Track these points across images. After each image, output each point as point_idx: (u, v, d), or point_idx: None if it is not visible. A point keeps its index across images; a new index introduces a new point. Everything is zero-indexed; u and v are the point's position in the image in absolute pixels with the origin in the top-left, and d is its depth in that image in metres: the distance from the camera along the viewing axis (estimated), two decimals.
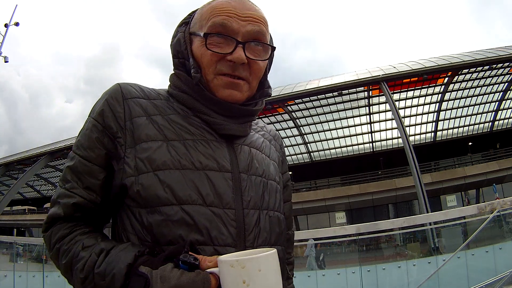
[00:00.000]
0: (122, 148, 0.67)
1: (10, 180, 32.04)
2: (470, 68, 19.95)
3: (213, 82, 0.72)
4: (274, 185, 0.78)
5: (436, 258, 5.39)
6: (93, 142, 0.68)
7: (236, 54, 0.69)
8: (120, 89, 0.72)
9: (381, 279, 5.30)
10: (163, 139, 0.68)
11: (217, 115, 0.73)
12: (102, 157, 0.68)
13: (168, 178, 0.64)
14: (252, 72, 0.73)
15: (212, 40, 0.70)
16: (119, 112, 0.69)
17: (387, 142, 27.16)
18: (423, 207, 15.37)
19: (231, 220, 0.66)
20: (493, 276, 4.19)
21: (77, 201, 0.67)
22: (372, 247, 7.33)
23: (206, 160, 0.68)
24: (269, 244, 0.70)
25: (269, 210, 0.73)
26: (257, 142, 0.81)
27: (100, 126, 0.69)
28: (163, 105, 0.73)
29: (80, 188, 0.68)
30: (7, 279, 7.30)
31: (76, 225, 0.68)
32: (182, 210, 0.63)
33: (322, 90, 20.44)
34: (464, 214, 4.68)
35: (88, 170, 0.68)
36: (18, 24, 14.36)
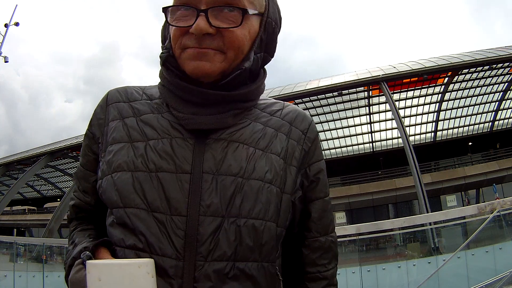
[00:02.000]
0: (101, 153, 0.70)
1: (10, 180, 32.03)
2: (470, 68, 19.95)
3: (181, 57, 0.65)
4: (259, 185, 0.63)
5: (436, 258, 5.40)
6: (85, 150, 0.74)
7: (195, 24, 0.61)
8: (107, 96, 0.74)
9: (381, 279, 5.30)
10: (127, 141, 0.66)
11: (187, 107, 0.66)
12: (92, 162, 0.72)
13: (119, 180, 0.63)
14: (226, 41, 0.63)
15: (177, 14, 0.64)
16: (101, 118, 0.72)
17: (387, 142, 27.15)
18: (423, 207, 15.36)
19: (177, 229, 0.58)
20: (493, 276, 4.19)
21: (75, 203, 0.75)
22: (372, 247, 7.34)
23: (162, 161, 0.62)
24: (230, 259, 0.59)
25: (240, 217, 0.60)
26: (245, 133, 0.67)
27: (90, 134, 0.73)
28: (140, 105, 0.70)
29: (79, 191, 0.74)
30: (7, 279, 7.30)
31: (80, 223, 0.75)
32: (125, 213, 0.61)
33: (322, 90, 20.44)
34: (464, 214, 4.69)
35: (83, 175, 0.74)
36: (18, 24, 14.38)
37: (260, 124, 0.69)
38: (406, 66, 19.86)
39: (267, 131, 0.69)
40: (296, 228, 0.72)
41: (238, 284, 0.59)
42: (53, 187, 38.95)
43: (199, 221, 0.59)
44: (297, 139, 0.72)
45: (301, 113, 0.76)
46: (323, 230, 0.73)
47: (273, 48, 0.73)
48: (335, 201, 23.15)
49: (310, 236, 0.72)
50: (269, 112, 0.73)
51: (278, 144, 0.69)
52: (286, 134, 0.71)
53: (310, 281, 0.71)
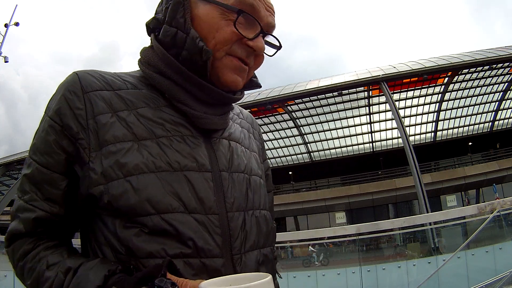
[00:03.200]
0: (86, 152, 0.57)
1: (10, 180, 32.05)
2: (470, 68, 19.95)
3: (222, 61, 0.63)
4: (258, 180, 0.70)
5: (436, 258, 5.40)
6: (51, 146, 0.58)
7: (259, 42, 0.63)
8: (79, 80, 0.60)
9: (381, 279, 5.30)
10: (133, 139, 0.58)
11: (197, 104, 0.63)
12: (62, 162, 0.58)
13: (143, 184, 0.55)
14: (256, 63, 0.68)
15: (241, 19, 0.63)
16: (79, 108, 0.58)
17: (387, 142, 27.16)
18: (423, 207, 15.36)
19: (216, 227, 0.58)
20: (493, 276, 4.20)
21: (37, 215, 0.58)
22: (372, 247, 7.34)
23: (184, 159, 0.59)
24: (257, 247, 0.64)
25: (254, 209, 0.66)
26: (235, 134, 0.72)
27: (58, 127, 0.58)
28: (130, 96, 0.62)
29: (40, 200, 0.59)
30: (7, 279, 7.31)
31: (39, 239, 0.60)
32: (162, 220, 0.55)
33: (322, 90, 20.44)
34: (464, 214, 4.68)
35: (47, 179, 0.58)
36: (18, 24, 14.37)
37: (237, 125, 0.75)
38: (406, 66, 19.87)
39: (244, 131, 0.76)
40: None
41: (265, 268, 0.65)
42: None
43: (229, 218, 0.61)
44: (258, 139, 0.82)
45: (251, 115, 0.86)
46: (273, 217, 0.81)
47: None
48: (335, 201, 23.18)
49: None
50: (235, 113, 0.79)
51: (253, 143, 0.77)
52: (253, 134, 0.80)
53: None
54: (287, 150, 27.59)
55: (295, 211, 23.55)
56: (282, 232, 17.93)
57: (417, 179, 15.94)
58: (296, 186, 25.94)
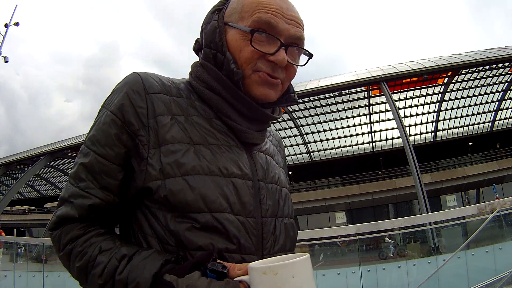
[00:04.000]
0: (145, 148, 0.62)
1: (10, 180, 32.05)
2: (470, 68, 19.96)
3: (251, 78, 0.69)
4: (286, 192, 0.78)
5: (436, 258, 5.40)
6: (112, 139, 0.63)
7: (280, 56, 0.67)
8: (142, 81, 0.66)
9: (381, 279, 5.30)
10: (189, 142, 0.64)
11: (241, 119, 0.70)
12: (122, 155, 0.63)
13: (198, 184, 0.61)
14: (288, 74, 0.72)
15: (255, 37, 0.67)
16: (142, 107, 0.64)
17: (387, 142, 27.16)
18: (423, 207, 15.37)
19: (253, 229, 0.66)
20: (493, 276, 4.19)
21: (93, 202, 0.63)
22: (372, 247, 7.34)
23: (232, 167, 0.66)
24: (284, 250, 0.71)
25: (283, 217, 0.74)
26: (270, 149, 0.80)
27: (120, 122, 0.63)
28: (185, 104, 0.69)
29: (96, 188, 0.63)
30: (7, 279, 7.31)
31: (89, 225, 0.64)
32: (213, 217, 0.61)
33: (322, 90, 20.44)
34: (464, 214, 4.68)
35: (105, 169, 0.63)
36: (18, 24, 14.37)
37: (269, 141, 0.83)
38: (406, 66, 19.87)
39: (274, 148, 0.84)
40: None
41: None
42: (53, 187, 38.95)
43: (263, 222, 0.68)
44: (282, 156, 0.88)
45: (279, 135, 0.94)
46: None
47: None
48: (335, 201, 23.18)
49: None
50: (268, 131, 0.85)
51: (280, 160, 0.84)
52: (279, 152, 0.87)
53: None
54: (287, 150, 27.57)
55: (295, 211, 23.27)
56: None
57: (417, 179, 15.94)
58: (296, 186, 25.94)
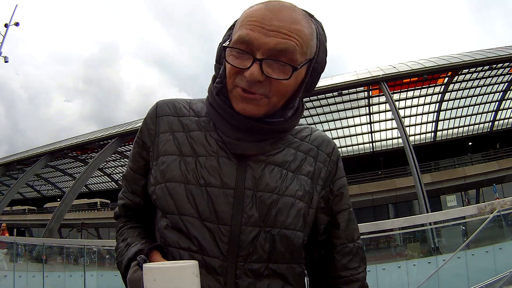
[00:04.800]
0: (152, 161, 0.78)
1: (10, 180, 32.08)
2: (470, 68, 19.96)
3: (232, 93, 0.72)
4: (291, 201, 0.73)
5: (436, 258, 5.39)
6: (135, 156, 0.82)
7: (249, 71, 0.66)
8: (156, 108, 0.81)
9: (381, 279, 5.30)
10: (178, 154, 0.74)
11: (233, 132, 0.73)
12: (142, 167, 0.80)
13: (174, 190, 0.72)
14: (273, 89, 0.69)
15: (231, 52, 0.70)
16: (152, 129, 0.79)
17: (387, 142, 27.17)
18: (423, 207, 15.37)
19: (223, 236, 0.69)
20: (493, 276, 4.19)
21: (125, 202, 0.83)
22: (372, 247, 7.34)
23: (210, 177, 0.72)
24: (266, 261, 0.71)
25: (274, 227, 0.71)
26: (279, 157, 0.76)
27: (140, 142, 0.80)
28: (189, 121, 0.78)
29: (128, 192, 0.83)
30: (7, 279, 7.31)
31: (128, 221, 0.84)
32: (180, 220, 0.71)
33: (322, 90, 20.44)
34: (464, 214, 4.69)
35: (132, 178, 0.82)
36: (18, 24, 14.37)
37: (292, 149, 0.79)
38: (406, 66, 19.87)
39: (298, 155, 0.79)
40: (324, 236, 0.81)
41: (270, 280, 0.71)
42: (53, 187, 38.97)
43: (241, 230, 0.70)
44: (323, 161, 0.82)
45: (326, 138, 0.86)
46: (351, 237, 0.82)
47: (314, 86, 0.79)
48: None
49: (339, 243, 0.81)
50: (299, 137, 0.82)
51: (307, 166, 0.79)
52: (314, 157, 0.81)
53: (344, 284, 0.79)
54: None
55: None
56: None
57: (417, 179, 15.94)
58: None
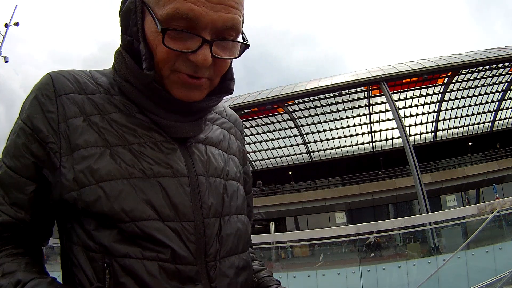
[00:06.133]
0: (57, 156, 0.56)
1: None
2: (470, 68, 19.96)
3: (169, 79, 0.59)
4: (235, 184, 0.68)
5: (436, 258, 5.40)
6: (19, 149, 0.57)
7: (200, 56, 0.55)
8: (52, 82, 0.59)
9: (381, 279, 5.30)
10: (105, 145, 0.57)
11: (166, 113, 0.62)
12: (30, 167, 0.57)
13: (115, 190, 0.54)
14: (216, 69, 0.60)
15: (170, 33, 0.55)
16: (51, 112, 0.57)
17: (387, 142, 27.15)
18: (423, 207, 15.37)
19: (190, 235, 0.57)
20: (493, 276, 4.20)
21: (2, 220, 0.56)
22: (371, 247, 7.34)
23: (157, 165, 0.58)
24: (235, 253, 0.63)
25: (231, 215, 0.64)
26: (214, 137, 0.69)
27: (28, 129, 0.57)
28: (102, 101, 0.60)
29: (6, 204, 0.57)
30: None
31: (3, 245, 0.57)
32: (137, 227, 0.54)
33: (322, 90, 20.44)
34: (464, 214, 4.69)
35: (14, 183, 0.57)
36: (18, 24, 14.37)
37: (217, 126, 0.73)
38: (406, 66, 19.87)
39: (224, 133, 0.73)
40: None
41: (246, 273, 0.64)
42: None
43: (205, 224, 0.59)
44: (239, 139, 0.78)
45: (236, 114, 0.82)
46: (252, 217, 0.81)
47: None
48: (335, 201, 23.16)
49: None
50: (217, 112, 0.76)
51: (233, 145, 0.74)
52: (234, 135, 0.76)
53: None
54: (287, 150, 27.59)
55: (295, 211, 23.54)
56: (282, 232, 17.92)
57: (417, 179, 15.95)
58: (296, 186, 25.93)
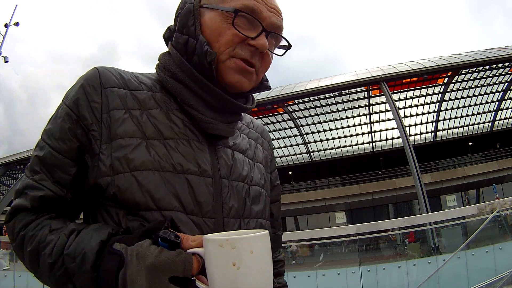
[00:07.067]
0: (97, 143, 0.60)
1: (10, 180, 32.04)
2: (470, 68, 19.95)
3: (226, 64, 0.65)
4: (258, 190, 0.73)
5: (436, 258, 5.40)
6: (65, 133, 0.61)
7: (261, 40, 0.65)
8: (99, 75, 0.64)
9: (381, 279, 5.30)
10: (142, 137, 0.61)
11: (206, 110, 0.67)
12: (74, 150, 0.61)
13: (147, 180, 0.58)
14: (263, 63, 0.69)
15: (238, 20, 0.64)
16: (96, 102, 0.62)
17: (387, 142, 27.15)
18: (423, 207, 15.37)
19: (210, 231, 0.61)
20: (493, 276, 4.20)
21: (45, 194, 0.61)
22: (372, 247, 7.35)
23: (187, 163, 0.62)
24: None
25: (251, 218, 0.69)
26: (241, 144, 0.74)
27: (74, 116, 0.61)
28: (144, 97, 0.66)
29: (49, 181, 0.61)
30: (7, 279, 7.30)
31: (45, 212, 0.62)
32: (162, 216, 0.58)
33: (322, 90, 20.44)
34: (464, 214, 4.68)
35: (58, 163, 0.61)
36: (18, 24, 14.37)
37: (245, 136, 0.78)
38: (406, 66, 19.86)
39: (251, 142, 0.78)
40: None
41: None
42: None
43: (224, 223, 0.64)
44: (267, 149, 0.84)
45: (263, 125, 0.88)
46: (280, 226, 0.88)
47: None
48: (335, 201, 23.18)
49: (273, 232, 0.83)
50: (245, 123, 0.81)
51: (259, 153, 0.79)
52: (261, 145, 0.82)
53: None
54: (287, 150, 27.58)
55: (295, 211, 23.54)
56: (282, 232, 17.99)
57: (417, 179, 15.94)
58: (296, 186, 25.93)
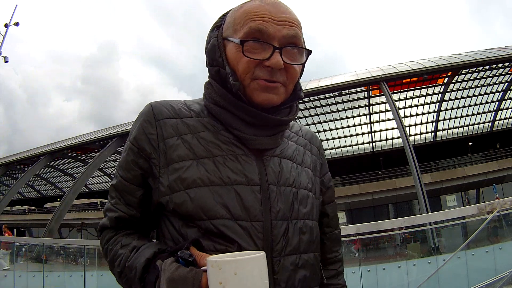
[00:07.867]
0: (157, 168, 0.72)
1: (10, 180, 32.06)
2: (470, 68, 19.96)
3: (250, 87, 0.72)
4: (306, 193, 0.79)
5: (436, 258, 5.39)
6: (129, 164, 0.75)
7: (274, 59, 0.70)
8: (152, 110, 0.76)
9: (381, 279, 5.30)
10: (193, 158, 0.71)
11: (248, 128, 0.74)
12: (138, 177, 0.75)
13: (197, 195, 0.68)
14: (289, 76, 0.74)
15: (249, 46, 0.71)
16: (152, 134, 0.74)
17: (387, 142, 27.16)
18: (423, 207, 15.36)
19: (258, 233, 0.69)
20: (493, 276, 4.19)
21: (119, 215, 0.76)
22: (372, 247, 7.34)
23: (234, 175, 0.71)
24: (298, 252, 0.74)
25: (299, 219, 0.75)
26: (289, 152, 0.81)
27: (136, 149, 0.74)
28: (193, 123, 0.76)
29: (122, 204, 0.76)
30: (7, 279, 7.30)
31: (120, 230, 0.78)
32: (212, 225, 0.68)
33: (322, 90, 20.44)
34: (464, 214, 4.67)
35: (126, 189, 0.76)
36: (18, 24, 14.37)
37: (293, 143, 0.85)
38: (406, 66, 19.86)
39: (299, 148, 0.85)
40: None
41: (305, 271, 0.75)
42: (53, 187, 38.95)
43: (272, 225, 0.71)
44: (315, 154, 0.90)
45: (312, 132, 0.94)
46: (337, 225, 0.95)
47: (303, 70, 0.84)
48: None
49: (329, 231, 0.92)
50: (294, 131, 0.89)
51: (307, 159, 0.86)
52: (310, 150, 0.88)
53: (330, 265, 0.91)
54: None
55: None
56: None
57: (417, 179, 15.94)
58: None
